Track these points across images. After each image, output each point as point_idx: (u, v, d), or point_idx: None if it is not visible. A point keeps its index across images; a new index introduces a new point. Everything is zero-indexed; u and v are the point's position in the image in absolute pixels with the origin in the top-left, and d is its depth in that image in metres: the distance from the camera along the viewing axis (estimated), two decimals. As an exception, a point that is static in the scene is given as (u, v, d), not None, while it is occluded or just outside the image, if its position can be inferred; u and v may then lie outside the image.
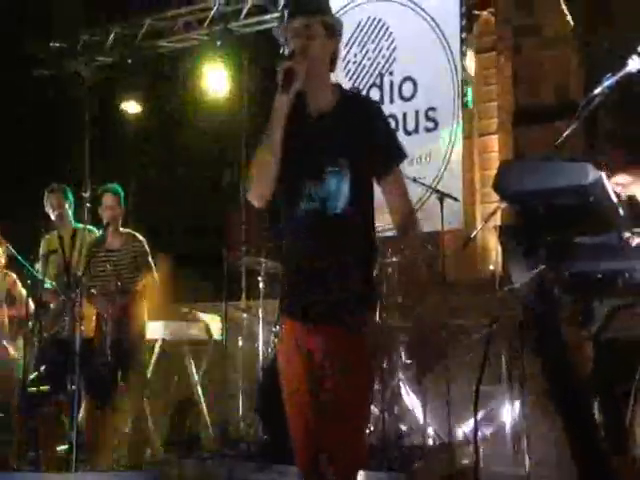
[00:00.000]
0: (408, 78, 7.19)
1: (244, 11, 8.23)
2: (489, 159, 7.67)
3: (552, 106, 7.08)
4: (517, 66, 7.48)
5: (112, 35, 8.80)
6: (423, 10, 7.15)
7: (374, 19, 7.42)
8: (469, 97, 7.11)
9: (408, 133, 7.18)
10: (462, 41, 6.95)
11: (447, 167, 6.88)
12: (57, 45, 8.86)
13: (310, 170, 2.79)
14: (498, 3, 7.55)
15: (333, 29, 2.89)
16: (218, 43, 8.01)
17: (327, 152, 2.79)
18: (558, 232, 2.79)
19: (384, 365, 5.22)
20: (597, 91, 2.70)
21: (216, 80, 8.08)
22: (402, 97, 7.23)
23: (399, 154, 2.94)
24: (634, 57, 2.65)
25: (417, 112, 7.13)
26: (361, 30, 7.49)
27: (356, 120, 2.82)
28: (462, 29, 6.97)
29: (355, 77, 7.51)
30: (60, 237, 5.32)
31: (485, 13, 7.70)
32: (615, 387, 2.94)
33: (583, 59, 6.61)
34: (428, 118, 7.07)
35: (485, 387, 4.81)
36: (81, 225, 5.82)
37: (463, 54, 6.93)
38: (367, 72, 7.45)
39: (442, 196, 5.84)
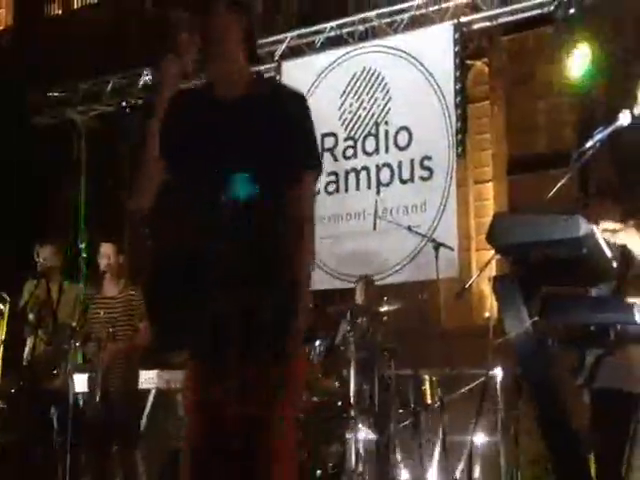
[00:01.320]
0: (403, 128, 7.28)
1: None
2: (484, 207, 7.73)
3: (545, 155, 7.16)
4: (510, 115, 7.59)
5: (110, 84, 8.90)
6: (417, 61, 7.27)
7: (369, 70, 7.55)
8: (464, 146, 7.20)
9: (403, 182, 7.25)
10: (456, 92, 7.06)
11: (442, 216, 6.92)
12: (55, 95, 8.96)
13: (211, 176, 2.33)
14: (492, 53, 7.69)
15: (238, 4, 2.43)
16: None
17: (233, 145, 2.36)
18: (552, 284, 2.81)
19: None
20: (589, 144, 2.74)
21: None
22: (397, 146, 7.32)
23: (313, 162, 2.51)
24: (625, 111, 2.71)
25: (412, 161, 7.21)
26: (357, 80, 7.62)
27: (270, 109, 2.40)
28: (456, 80, 7.08)
29: (351, 126, 7.62)
30: (48, 288, 5.32)
31: (479, 63, 7.83)
32: (612, 437, 2.92)
33: (577, 109, 6.71)
34: (423, 167, 7.15)
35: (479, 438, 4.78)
36: (68, 281, 5.80)
37: (457, 104, 7.03)
38: (363, 122, 7.55)
39: (437, 245, 5.86)
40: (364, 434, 5.23)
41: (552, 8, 6.58)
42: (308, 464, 5.07)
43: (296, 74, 7.84)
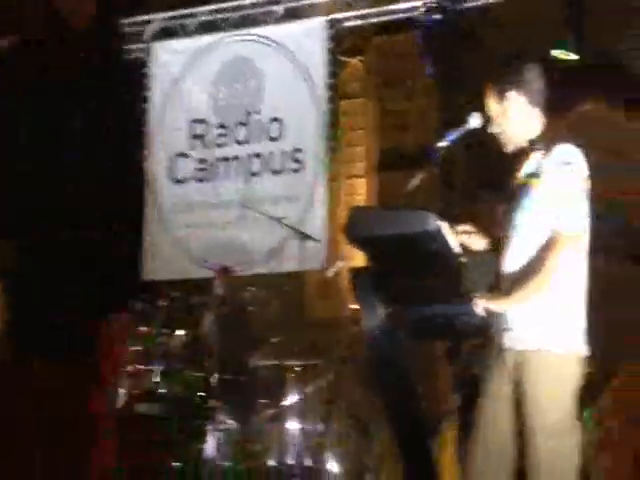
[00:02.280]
0: (275, 119, 7.29)
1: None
2: (356, 202, 7.85)
3: (414, 153, 7.35)
4: (382, 113, 7.74)
5: None
6: (291, 53, 7.29)
7: (241, 58, 7.50)
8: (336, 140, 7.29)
9: (274, 173, 7.26)
10: (328, 87, 7.14)
11: (311, 208, 6.99)
12: None
13: None
14: (367, 52, 7.81)
15: None
16: None
17: None
18: (404, 277, 2.90)
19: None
20: (441, 144, 2.84)
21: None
22: (269, 137, 7.31)
23: None
24: (474, 115, 2.83)
25: (283, 152, 7.23)
26: (229, 68, 7.54)
27: None
28: (329, 75, 7.16)
29: (223, 114, 7.55)
30: None
31: (354, 60, 7.94)
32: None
33: (443, 110, 6.92)
34: (294, 159, 7.18)
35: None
36: None
37: (329, 99, 7.12)
38: (235, 110, 7.51)
39: (304, 237, 5.92)
40: (226, 425, 5.24)
41: (420, 13, 6.77)
42: (168, 459, 5.02)
43: (166, 57, 7.69)
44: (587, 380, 2.74)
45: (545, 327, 2.67)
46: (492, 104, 2.80)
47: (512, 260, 2.75)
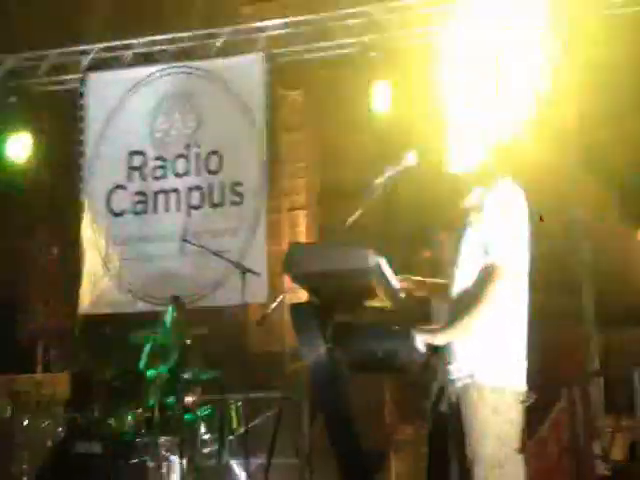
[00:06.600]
0: (214, 152, 7.29)
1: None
2: (298, 233, 7.87)
3: (354, 185, 7.41)
4: (323, 146, 7.81)
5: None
6: (229, 87, 7.32)
7: (181, 90, 7.49)
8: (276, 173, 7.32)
9: (214, 206, 7.24)
10: (267, 120, 7.18)
11: (252, 241, 6.98)
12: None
13: None
14: (308, 85, 7.89)
15: None
16: None
17: None
18: (345, 312, 2.91)
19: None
20: (378, 181, 2.88)
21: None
22: (208, 170, 7.30)
23: None
24: (412, 152, 2.88)
25: (223, 185, 7.22)
26: (167, 100, 7.52)
27: None
28: (268, 108, 7.21)
29: (161, 146, 7.50)
30: None
31: (294, 93, 8.01)
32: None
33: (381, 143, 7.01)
34: (234, 192, 7.18)
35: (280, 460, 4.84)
36: None
37: (267, 132, 7.16)
38: (173, 142, 7.47)
39: (244, 271, 5.89)
40: (169, 460, 5.17)
41: (352, 49, 6.91)
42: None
43: (103, 88, 7.64)
44: (527, 411, 2.78)
45: (483, 359, 2.70)
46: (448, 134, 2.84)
47: (455, 292, 2.78)
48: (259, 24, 7.31)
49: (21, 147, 7.54)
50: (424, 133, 3.00)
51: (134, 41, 7.63)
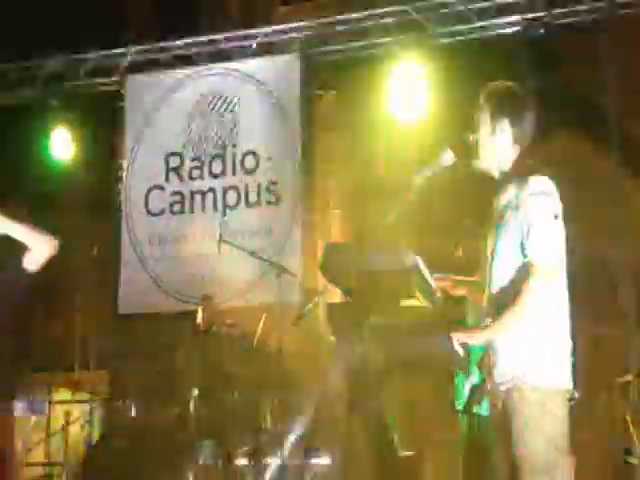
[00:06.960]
0: (250, 151, 7.33)
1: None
2: (332, 233, 7.86)
3: (387, 185, 7.39)
4: (357, 146, 7.79)
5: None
6: (265, 87, 7.36)
7: (217, 91, 7.55)
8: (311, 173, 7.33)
9: (250, 205, 7.27)
10: (302, 120, 7.19)
11: (287, 241, 7.00)
12: None
13: None
14: (340, 85, 7.88)
15: None
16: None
17: None
18: (380, 312, 2.90)
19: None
20: (414, 180, 2.86)
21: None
22: (244, 169, 7.34)
23: None
24: (447, 151, 2.85)
25: (259, 185, 7.26)
26: (204, 101, 7.59)
27: None
28: (302, 109, 7.22)
29: (197, 147, 7.57)
30: None
31: (329, 93, 8.01)
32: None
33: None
34: (270, 191, 7.21)
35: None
36: None
37: (302, 132, 7.17)
38: (210, 143, 7.53)
39: (280, 271, 5.90)
40: (205, 460, 5.18)
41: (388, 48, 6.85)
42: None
43: (142, 90, 7.73)
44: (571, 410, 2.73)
45: (527, 360, 2.65)
46: (482, 132, 2.81)
47: (492, 291, 2.75)
48: (294, 24, 7.34)
49: (63, 148, 7.70)
50: (459, 133, 2.96)
51: (172, 43, 7.71)
